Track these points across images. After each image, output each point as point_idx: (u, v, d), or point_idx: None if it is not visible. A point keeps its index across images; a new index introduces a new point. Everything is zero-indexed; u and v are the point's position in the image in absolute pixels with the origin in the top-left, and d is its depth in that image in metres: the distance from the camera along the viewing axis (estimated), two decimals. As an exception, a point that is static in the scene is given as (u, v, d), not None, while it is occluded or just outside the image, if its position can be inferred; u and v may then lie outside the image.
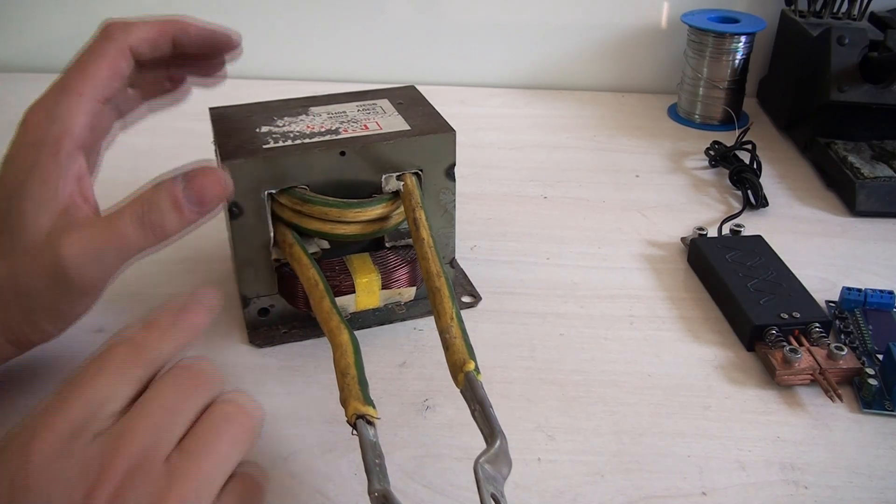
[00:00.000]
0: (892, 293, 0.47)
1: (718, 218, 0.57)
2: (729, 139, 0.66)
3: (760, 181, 0.60)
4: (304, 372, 0.42)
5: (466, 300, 0.48)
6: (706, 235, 0.53)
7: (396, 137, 0.42)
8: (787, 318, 0.43)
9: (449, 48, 0.80)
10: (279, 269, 0.43)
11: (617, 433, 0.39)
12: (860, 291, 0.47)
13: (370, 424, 0.33)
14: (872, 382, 0.40)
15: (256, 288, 0.43)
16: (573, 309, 0.47)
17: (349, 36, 0.80)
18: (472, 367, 0.35)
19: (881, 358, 0.42)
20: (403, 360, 0.43)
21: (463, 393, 0.35)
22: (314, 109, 0.45)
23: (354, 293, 0.42)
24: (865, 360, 0.43)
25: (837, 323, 0.45)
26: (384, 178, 0.42)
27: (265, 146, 0.41)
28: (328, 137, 0.42)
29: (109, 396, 0.29)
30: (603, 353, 0.44)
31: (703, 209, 0.59)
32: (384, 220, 0.43)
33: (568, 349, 0.44)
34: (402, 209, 0.43)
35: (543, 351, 0.44)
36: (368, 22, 0.79)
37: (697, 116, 0.73)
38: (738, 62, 0.70)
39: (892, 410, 0.40)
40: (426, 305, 0.45)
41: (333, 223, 0.41)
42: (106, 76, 0.37)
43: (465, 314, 0.40)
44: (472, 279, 0.49)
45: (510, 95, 0.79)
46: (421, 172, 0.43)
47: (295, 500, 0.35)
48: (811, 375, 0.41)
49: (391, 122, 0.44)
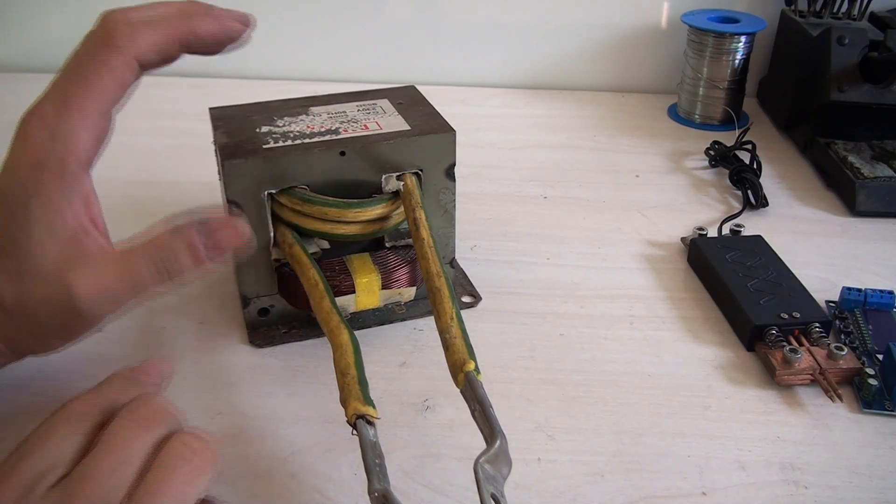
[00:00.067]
0: (892, 293, 0.47)
1: (718, 218, 0.57)
2: (729, 139, 0.66)
3: (760, 181, 0.60)
4: (304, 372, 0.42)
5: (466, 300, 0.48)
6: (706, 235, 0.53)
7: (396, 137, 0.42)
8: (787, 318, 0.43)
9: (449, 48, 0.80)
10: (279, 269, 0.43)
11: (617, 433, 0.39)
12: (860, 291, 0.47)
13: (370, 424, 0.33)
14: (872, 382, 0.40)
15: (256, 288, 0.43)
16: (573, 309, 0.47)
17: (349, 36, 0.80)
18: (472, 367, 0.35)
19: (881, 358, 0.42)
20: (403, 360, 0.43)
21: (463, 393, 0.35)
22: (314, 109, 0.45)
23: (354, 293, 0.42)
24: (865, 360, 0.43)
25: (837, 323, 0.45)
26: (384, 178, 0.42)
27: (265, 146, 0.41)
28: (328, 137, 0.42)
29: (64, 447, 0.30)
30: (603, 353, 0.44)
31: (703, 209, 0.59)
32: (384, 220, 0.43)
33: (568, 349, 0.44)
34: (402, 209, 0.43)
35: (543, 351, 0.44)
36: (368, 22, 0.79)
37: (697, 116, 0.73)
38: (738, 62, 0.70)
39: (892, 410, 0.40)
40: (426, 305, 0.45)
41: (333, 223, 0.41)
42: (111, 90, 0.35)
43: (465, 314, 0.40)
44: (472, 279, 0.49)
45: (510, 95, 0.79)
46: (421, 172, 0.43)
47: (295, 500, 0.35)
48: (811, 375, 0.41)
49: (391, 122, 0.44)
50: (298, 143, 0.41)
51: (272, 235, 0.42)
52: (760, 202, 0.58)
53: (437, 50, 0.81)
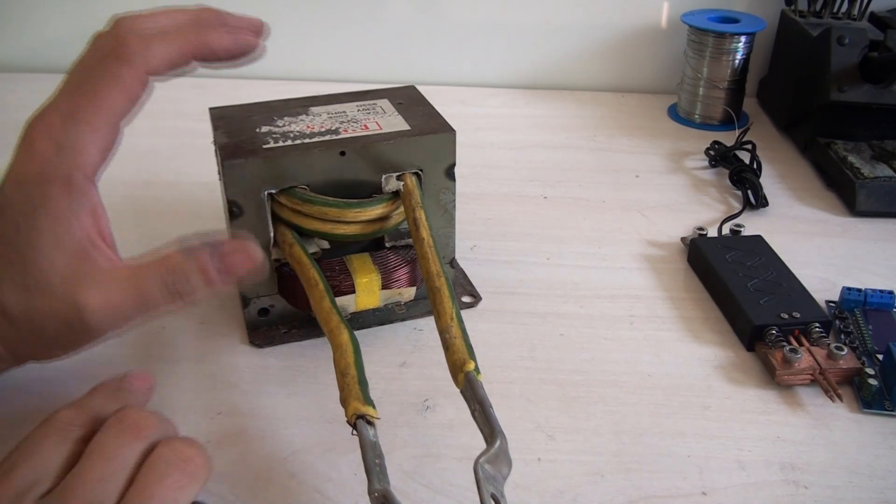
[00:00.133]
0: (892, 293, 0.47)
1: (718, 218, 0.57)
2: (729, 139, 0.66)
3: (760, 181, 0.60)
4: (304, 372, 0.42)
5: (466, 300, 0.48)
6: (706, 235, 0.53)
7: (396, 137, 0.42)
8: (787, 318, 0.43)
9: (449, 48, 0.80)
10: (279, 269, 0.43)
11: (617, 433, 0.39)
12: (860, 291, 0.47)
13: (370, 424, 0.33)
14: (872, 382, 0.40)
15: (256, 288, 0.43)
16: (573, 309, 0.47)
17: (349, 36, 0.80)
18: (472, 367, 0.35)
19: (881, 358, 0.42)
20: (403, 360, 0.43)
21: (463, 393, 0.35)
22: (314, 109, 0.45)
23: (354, 293, 0.42)
24: (865, 360, 0.43)
25: (837, 323, 0.45)
26: (384, 178, 0.42)
27: (265, 146, 0.41)
28: (328, 137, 0.42)
29: (52, 458, 0.30)
30: (603, 353, 0.44)
31: (703, 209, 0.59)
32: (384, 220, 0.43)
33: (568, 349, 0.44)
34: (402, 209, 0.43)
35: (543, 351, 0.44)
36: (368, 22, 0.79)
37: (697, 116, 0.73)
38: (738, 62, 0.70)
39: (892, 410, 0.40)
40: (426, 305, 0.45)
41: (333, 223, 0.41)
42: (120, 104, 0.34)
43: (465, 314, 0.40)
44: (472, 279, 0.49)
45: (510, 95, 0.79)
46: (421, 172, 0.43)
47: (295, 500, 0.35)
48: (811, 375, 0.41)
49: (391, 122, 0.44)
50: (298, 143, 0.41)
51: (272, 235, 0.42)
52: (760, 202, 0.58)
53: (437, 50, 0.81)
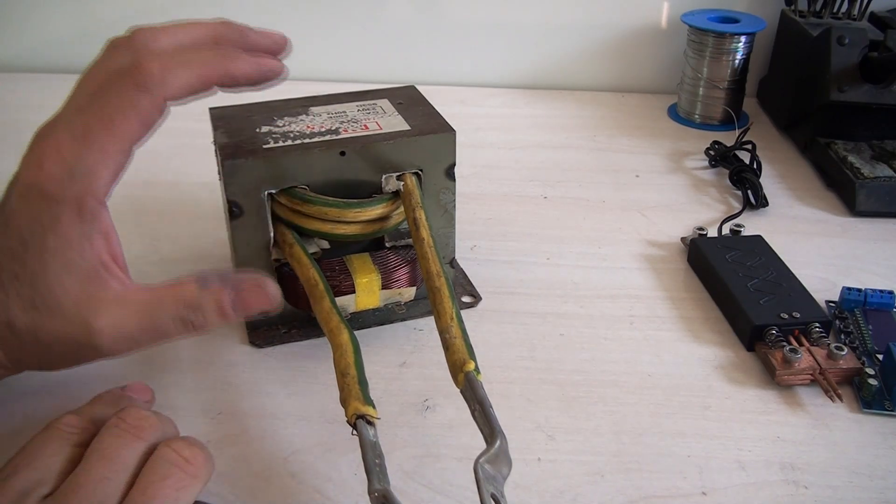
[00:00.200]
0: (892, 293, 0.47)
1: (718, 218, 0.57)
2: (729, 139, 0.66)
3: (760, 181, 0.60)
4: (304, 372, 0.42)
5: (466, 300, 0.48)
6: (706, 235, 0.53)
7: (396, 137, 0.42)
8: (787, 318, 0.43)
9: (449, 48, 0.80)
10: (279, 269, 0.43)
11: (617, 433, 0.39)
12: (860, 291, 0.47)
13: (370, 424, 0.33)
14: (872, 382, 0.40)
15: (256, 288, 0.43)
16: (573, 309, 0.47)
17: (349, 36, 0.80)
18: (472, 367, 0.35)
19: (881, 358, 0.42)
20: (403, 360, 0.43)
21: (463, 393, 0.35)
22: (314, 109, 0.45)
23: (354, 293, 0.42)
24: (865, 360, 0.43)
25: (837, 323, 0.45)
26: (384, 178, 0.42)
27: (265, 146, 0.41)
28: (328, 137, 0.42)
29: (54, 460, 0.30)
30: (603, 353, 0.44)
31: (703, 209, 0.59)
32: (384, 220, 0.43)
33: (568, 349, 0.44)
34: (402, 209, 0.43)
35: (543, 351, 0.44)
36: (368, 22, 0.79)
37: (697, 116, 0.73)
38: (738, 62, 0.70)
39: (892, 410, 0.40)
40: (426, 305, 0.45)
41: (333, 223, 0.41)
42: (135, 130, 0.33)
43: (465, 314, 0.40)
44: (472, 279, 0.49)
45: (510, 95, 0.79)
46: (421, 172, 0.43)
47: (295, 500, 0.35)
48: (811, 375, 0.41)
49: (391, 122, 0.44)
50: (298, 143, 0.41)
51: (272, 235, 0.42)
52: (760, 202, 0.58)
53: (437, 50, 0.81)
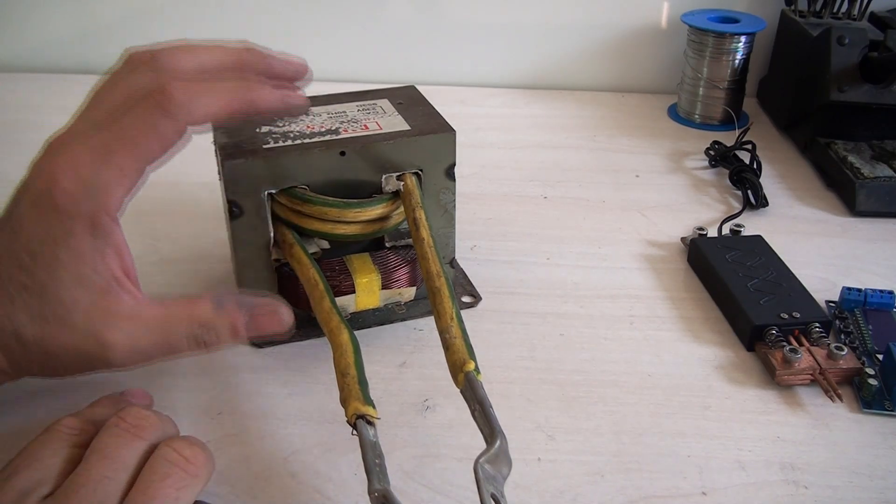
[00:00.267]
0: (892, 293, 0.47)
1: (718, 218, 0.57)
2: (729, 139, 0.66)
3: (760, 181, 0.60)
4: (304, 372, 0.42)
5: (466, 300, 0.48)
6: (706, 235, 0.53)
7: (396, 137, 0.42)
8: (787, 318, 0.43)
9: (449, 48, 0.80)
10: (279, 269, 0.43)
11: (617, 433, 0.39)
12: (860, 291, 0.47)
13: (370, 424, 0.33)
14: (872, 382, 0.40)
15: (256, 288, 0.43)
16: (573, 309, 0.47)
17: (349, 36, 0.80)
18: (472, 367, 0.35)
19: (881, 358, 0.42)
20: (403, 360, 0.43)
21: (463, 393, 0.35)
22: (314, 109, 0.45)
23: (354, 293, 0.42)
24: (865, 360, 0.43)
25: (837, 323, 0.45)
26: (384, 178, 0.42)
27: (265, 146, 0.41)
28: (328, 137, 0.42)
29: (55, 461, 0.30)
30: (603, 353, 0.44)
31: (703, 209, 0.59)
32: (384, 220, 0.43)
33: (568, 349, 0.44)
34: (402, 209, 0.43)
35: (543, 351, 0.44)
36: (368, 22, 0.79)
37: (697, 116, 0.73)
38: (738, 62, 0.70)
39: (892, 410, 0.40)
40: (426, 305, 0.45)
41: (333, 223, 0.41)
42: (155, 153, 0.33)
43: (465, 314, 0.40)
44: (472, 279, 0.49)
45: (510, 95, 0.79)
46: (421, 172, 0.43)
47: (295, 500, 0.35)
48: (811, 375, 0.41)
49: (391, 122, 0.44)
50: (298, 143, 0.41)
51: (272, 235, 0.42)
52: (760, 202, 0.58)
53: (437, 50, 0.81)
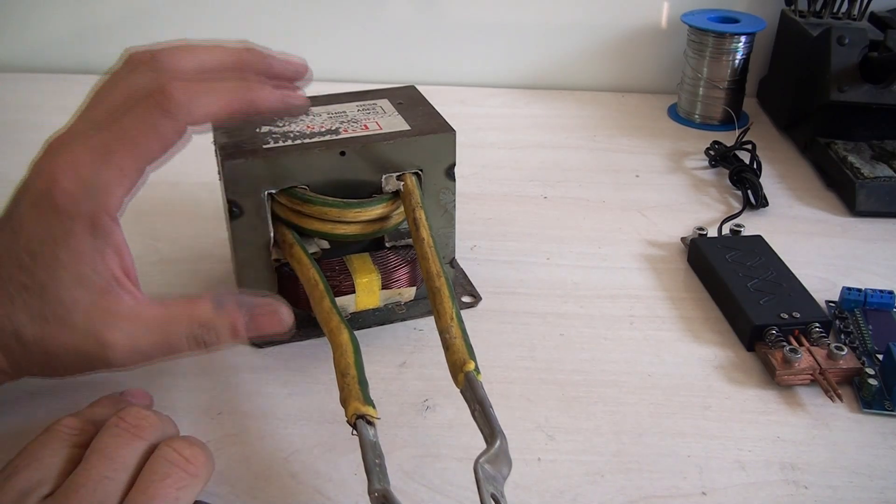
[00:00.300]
0: (892, 293, 0.47)
1: (718, 218, 0.57)
2: (729, 139, 0.66)
3: (760, 181, 0.60)
4: (304, 372, 0.42)
5: (466, 300, 0.48)
6: (706, 235, 0.53)
7: (396, 137, 0.42)
8: (787, 318, 0.43)
9: (449, 48, 0.80)
10: (279, 269, 0.43)
11: (617, 433, 0.39)
12: (860, 291, 0.47)
13: (370, 424, 0.33)
14: (872, 382, 0.40)
15: (256, 288, 0.43)
16: (573, 309, 0.47)
17: (349, 36, 0.80)
18: (472, 367, 0.35)
19: (881, 358, 0.42)
20: (403, 360, 0.43)
21: (463, 393, 0.35)
22: (314, 109, 0.45)
23: (354, 293, 0.42)
24: (865, 360, 0.43)
25: (837, 323, 0.45)
26: (384, 178, 0.42)
27: (265, 146, 0.41)
28: (328, 137, 0.42)
29: (55, 461, 0.30)
30: (603, 353, 0.44)
31: (703, 209, 0.59)
32: (384, 220, 0.43)
33: (568, 349, 0.44)
34: (402, 209, 0.43)
35: (543, 351, 0.44)
36: (368, 22, 0.79)
37: (697, 116, 0.73)
38: (738, 62, 0.70)
39: (892, 410, 0.40)
40: (426, 305, 0.45)
41: (333, 223, 0.41)
42: (155, 153, 0.33)
43: (465, 314, 0.40)
44: (472, 279, 0.49)
45: (510, 95, 0.79)
46: (421, 172, 0.43)
47: (295, 500, 0.35)
48: (811, 375, 0.41)
49: (391, 122, 0.44)
50: (298, 143, 0.41)
51: (272, 235, 0.42)
52: (760, 202, 0.58)
53: (437, 50, 0.81)
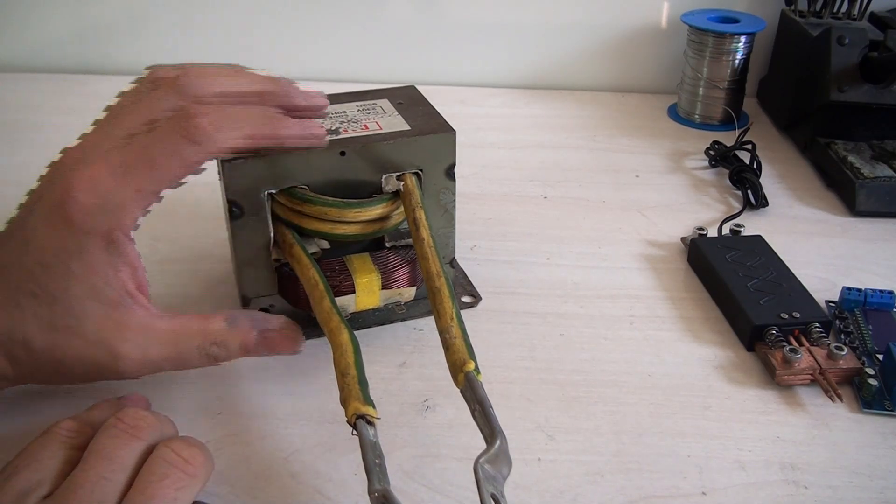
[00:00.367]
0: (892, 293, 0.47)
1: (718, 218, 0.57)
2: (729, 139, 0.66)
3: (760, 181, 0.60)
4: (304, 372, 0.42)
5: (466, 300, 0.48)
6: (706, 235, 0.53)
7: (396, 137, 0.42)
8: (787, 318, 0.43)
9: (449, 48, 0.80)
10: (279, 269, 0.43)
11: (617, 433, 0.39)
12: (860, 291, 0.47)
13: (370, 424, 0.33)
14: (872, 382, 0.40)
15: (256, 288, 0.43)
16: (573, 309, 0.47)
17: (349, 36, 0.80)
18: (472, 367, 0.35)
19: (881, 358, 0.42)
20: (403, 360, 0.43)
21: (463, 393, 0.35)
22: (314, 109, 0.45)
23: (354, 293, 0.42)
24: (865, 360, 0.43)
25: (837, 323, 0.45)
26: (384, 178, 0.42)
27: (265, 146, 0.41)
28: (328, 137, 0.42)
29: (53, 463, 0.30)
30: (603, 353, 0.44)
31: (703, 209, 0.59)
32: (384, 220, 0.43)
33: (568, 349, 0.44)
34: (402, 209, 0.43)
35: (543, 351, 0.44)
36: (368, 22, 0.79)
37: (697, 116, 0.73)
38: (738, 62, 0.70)
39: (892, 410, 0.40)
40: (426, 305, 0.45)
41: (333, 223, 0.41)
42: (175, 177, 0.34)
43: (465, 314, 0.40)
44: (472, 279, 0.49)
45: (510, 95, 0.79)
46: (421, 172, 0.43)
47: (295, 500, 0.35)
48: (811, 375, 0.41)
49: (391, 122, 0.44)
50: (298, 143, 0.41)
51: (272, 235, 0.42)
52: (760, 202, 0.58)
53: (437, 50, 0.80)
